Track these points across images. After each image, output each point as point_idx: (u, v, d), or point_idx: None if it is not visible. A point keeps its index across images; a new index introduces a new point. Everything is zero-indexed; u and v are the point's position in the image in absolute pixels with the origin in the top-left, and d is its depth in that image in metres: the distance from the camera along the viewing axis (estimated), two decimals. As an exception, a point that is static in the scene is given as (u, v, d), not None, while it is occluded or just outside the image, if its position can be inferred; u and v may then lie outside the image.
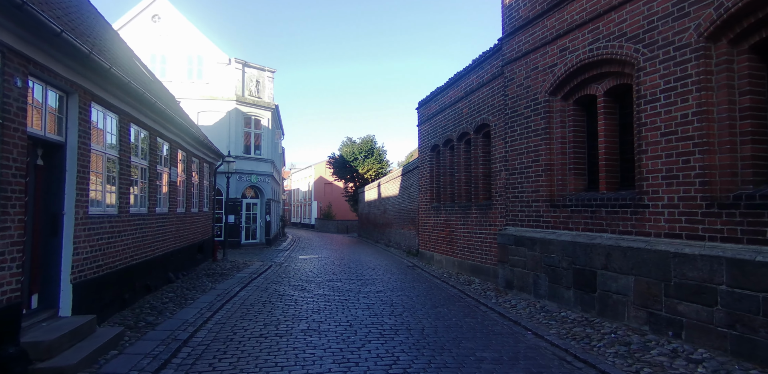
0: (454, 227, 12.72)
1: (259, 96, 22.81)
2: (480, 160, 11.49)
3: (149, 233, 8.67)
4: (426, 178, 15.13)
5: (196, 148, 12.74)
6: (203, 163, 14.27)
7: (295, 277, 12.03)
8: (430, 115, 14.76)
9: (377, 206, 28.90)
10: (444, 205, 13.57)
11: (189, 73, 21.37)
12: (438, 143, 14.08)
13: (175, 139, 10.47)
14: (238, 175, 21.45)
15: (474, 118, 11.62)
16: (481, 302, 8.56)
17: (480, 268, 11.17)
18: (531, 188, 8.72)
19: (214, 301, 8.34)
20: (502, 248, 9.42)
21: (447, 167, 13.64)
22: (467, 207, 11.95)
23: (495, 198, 10.52)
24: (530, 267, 8.52)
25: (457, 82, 12.57)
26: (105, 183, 6.72)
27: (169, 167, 10.12)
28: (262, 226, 22.91)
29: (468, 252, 11.84)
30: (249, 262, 15.21)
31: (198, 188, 13.60)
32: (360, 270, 13.44)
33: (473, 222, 11.56)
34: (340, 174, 39.64)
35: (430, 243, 14.70)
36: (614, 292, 6.65)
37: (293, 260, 16.89)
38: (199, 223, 13.63)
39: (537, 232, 8.47)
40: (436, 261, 14.19)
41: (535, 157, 8.63)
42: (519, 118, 9.09)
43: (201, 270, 12.77)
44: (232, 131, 21.37)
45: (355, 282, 11.02)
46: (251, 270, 13.01)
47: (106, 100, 6.59)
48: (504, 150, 9.99)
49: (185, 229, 11.90)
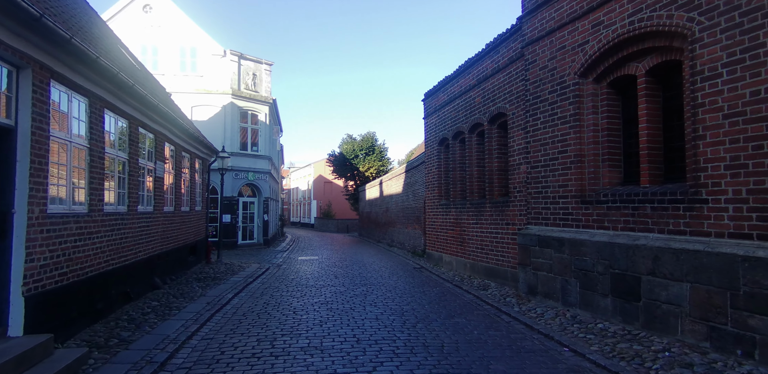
0: (466, 226, 11.78)
1: (256, 90, 21.83)
2: (495, 153, 10.54)
3: (130, 234, 7.73)
4: (433, 174, 14.19)
5: (186, 141, 11.79)
6: (195, 158, 13.32)
7: (294, 281, 11.10)
8: (438, 106, 13.81)
9: (379, 205, 27.96)
10: (454, 203, 12.64)
11: (182, 65, 20.39)
12: (446, 136, 13.14)
13: (161, 131, 9.52)
14: (234, 172, 20.50)
15: (488, 107, 10.67)
16: (502, 310, 7.63)
17: (496, 271, 10.23)
18: (557, 182, 7.78)
19: (202, 311, 7.39)
20: (523, 249, 8.48)
21: (457, 162, 12.70)
22: (480, 204, 11.01)
23: (513, 195, 9.58)
24: (557, 271, 7.59)
25: (469, 70, 11.62)
26: (71, 177, 5.76)
27: (154, 162, 9.17)
28: (259, 226, 21.95)
29: (482, 253, 10.90)
30: (245, 264, 14.27)
31: (189, 185, 12.66)
32: (364, 273, 12.50)
33: (487, 220, 10.62)
34: (340, 172, 38.67)
35: (439, 243, 13.76)
36: (664, 302, 5.71)
37: (292, 262, 15.95)
38: (190, 223, 12.69)
39: (565, 232, 7.53)
40: (445, 263, 13.25)
41: (562, 147, 7.69)
42: (543, 105, 8.15)
43: (192, 273, 11.83)
44: (227, 126, 20.40)
45: (359, 287, 10.08)
46: (247, 274, 12.07)
47: (71, 79, 5.64)
48: (524, 141, 9.05)
49: (174, 230, 10.96)
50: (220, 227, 14.65)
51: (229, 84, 20.58)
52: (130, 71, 8.63)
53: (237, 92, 20.70)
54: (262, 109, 21.94)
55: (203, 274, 11.71)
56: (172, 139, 10.48)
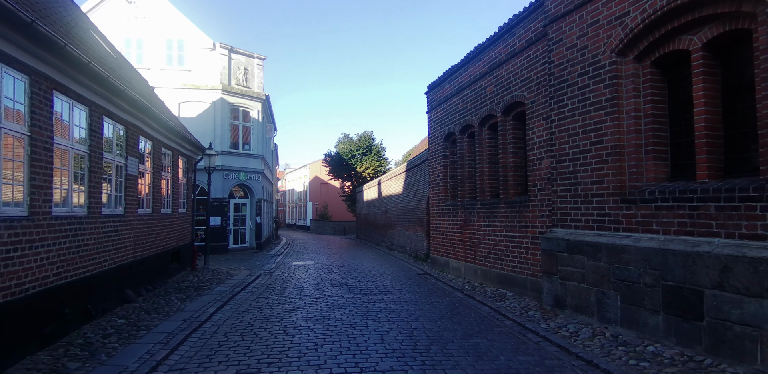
0: (476, 229, 10.70)
1: (248, 85, 20.70)
2: (510, 148, 9.47)
3: (91, 241, 6.60)
4: (438, 172, 13.10)
5: (167, 137, 10.66)
6: (178, 156, 12.19)
7: (286, 291, 9.98)
8: (443, 98, 12.74)
9: (377, 206, 26.86)
10: (462, 203, 11.55)
11: (168, 59, 19.24)
12: (453, 130, 12.06)
13: (133, 123, 8.40)
14: (224, 172, 19.35)
15: (501, 96, 9.60)
16: (528, 327, 6.55)
17: (512, 279, 9.14)
18: (590, 178, 6.71)
19: (175, 331, 6.26)
20: (547, 256, 7.40)
21: (465, 158, 11.62)
22: (493, 204, 9.93)
23: (533, 193, 8.51)
24: (592, 282, 6.51)
25: (479, 56, 10.55)
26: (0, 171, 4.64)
27: (125, 157, 8.04)
28: (252, 229, 20.80)
29: (495, 259, 9.82)
30: (234, 271, 13.13)
31: (172, 185, 11.53)
32: (364, 281, 11.39)
33: (502, 222, 9.54)
34: (337, 172, 37.54)
35: (444, 247, 12.67)
36: (736, 322, 4.65)
37: (286, 267, 14.82)
38: (173, 227, 11.55)
39: (601, 236, 6.46)
40: (452, 269, 12.16)
41: (596, 137, 6.62)
42: (571, 89, 7.09)
43: (174, 282, 10.68)
44: (217, 124, 19.26)
45: (359, 298, 8.98)
46: (235, 282, 10.94)
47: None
48: (547, 132, 7.99)
49: (153, 234, 9.83)
50: (207, 231, 13.52)
51: (218, 79, 19.45)
52: (95, 52, 7.51)
53: (227, 88, 19.56)
54: (255, 106, 20.81)
55: (186, 283, 10.57)
56: (148, 132, 9.35)
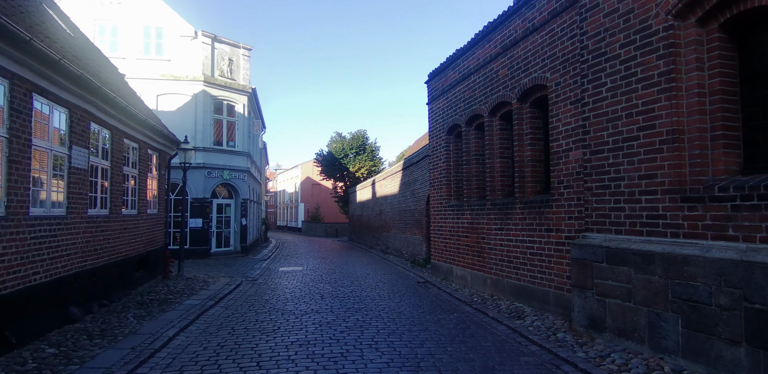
0: (486, 232, 9.41)
1: (233, 77, 19.30)
2: (527, 139, 8.20)
3: (10, 249, 5.22)
4: (441, 170, 11.81)
5: (131, 126, 9.29)
6: (148, 149, 10.80)
7: (268, 304, 8.62)
8: (446, 87, 11.45)
9: (371, 207, 25.55)
10: (468, 203, 10.26)
11: (146, 47, 17.81)
12: (458, 122, 10.78)
13: (80, 106, 7.03)
14: (206, 170, 17.94)
15: (517, 80, 8.33)
16: (561, 356, 5.27)
17: (530, 292, 7.85)
18: (638, 172, 5.45)
19: (115, 366, 4.89)
20: (580, 266, 6.12)
21: (472, 153, 10.33)
22: (507, 205, 8.64)
23: (557, 191, 7.23)
24: (641, 300, 5.24)
25: (490, 36, 9.28)
26: None
27: (68, 146, 6.66)
28: (236, 231, 19.37)
29: (509, 267, 8.53)
30: (212, 279, 11.75)
31: (138, 183, 10.14)
32: (357, 291, 10.06)
33: (518, 225, 8.26)
34: (329, 172, 36.18)
35: (447, 252, 11.37)
36: None
37: (271, 274, 13.44)
38: (139, 230, 10.16)
39: (654, 243, 5.19)
40: (456, 277, 10.86)
41: (645, 121, 5.36)
42: (611, 64, 5.82)
43: (138, 294, 9.29)
44: (199, 118, 17.84)
45: (353, 314, 7.65)
46: (210, 293, 9.57)
47: None
48: (577, 118, 6.73)
49: (111, 239, 8.45)
50: (182, 233, 12.11)
51: (200, 69, 18.04)
52: (32, 19, 6.13)
53: (210, 79, 18.16)
54: (240, 99, 19.42)
55: (152, 295, 9.17)
56: (103, 119, 7.98)
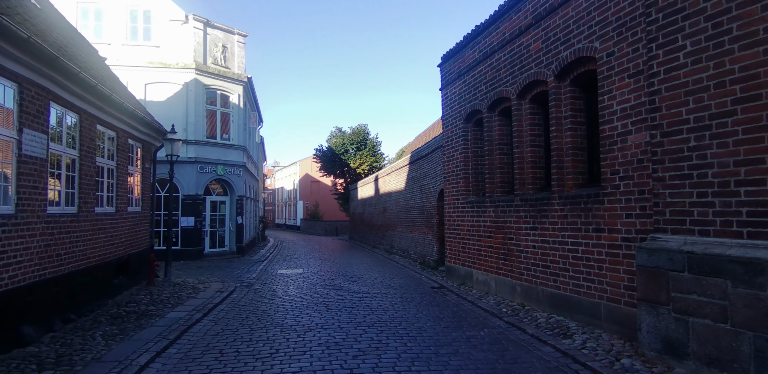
0: (514, 232, 8.22)
1: (227, 65, 18.03)
2: (567, 123, 6.99)
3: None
4: (457, 162, 10.60)
5: (105, 110, 8.06)
6: (128, 139, 9.57)
7: (264, 317, 7.43)
8: (464, 69, 10.23)
9: (374, 204, 24.34)
10: (492, 199, 9.06)
11: (132, 33, 16.52)
12: (479, 108, 9.56)
13: (37, 81, 5.80)
14: (199, 165, 16.70)
15: (555, 53, 7.12)
16: (640, 393, 4.07)
17: (574, 303, 6.66)
18: (735, 156, 4.26)
19: (61, 414, 3.69)
20: (649, 275, 4.93)
21: (495, 142, 9.12)
22: (542, 200, 7.45)
23: (611, 183, 6.02)
24: (742, 322, 4.06)
25: (518, 6, 8.05)
26: None
27: (17, 129, 5.43)
28: (231, 231, 18.14)
29: (545, 273, 7.34)
30: (203, 284, 10.54)
31: (117, 176, 8.91)
32: (367, 299, 8.87)
33: (556, 224, 7.06)
34: (329, 169, 34.93)
35: (465, 254, 10.18)
36: None
37: (269, 278, 12.24)
38: (118, 230, 8.94)
39: (763, 248, 4.00)
40: (476, 283, 9.67)
41: (744, 91, 4.17)
42: (691, 22, 4.63)
43: (115, 304, 8.07)
44: (190, 109, 16.58)
45: (364, 330, 6.46)
46: (199, 302, 8.37)
47: None
48: (641, 93, 5.52)
49: (81, 241, 7.24)
50: (169, 234, 10.88)
51: (192, 56, 16.77)
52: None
53: (202, 67, 16.90)
54: (235, 89, 18.16)
55: (130, 306, 7.96)
56: (68, 100, 6.76)
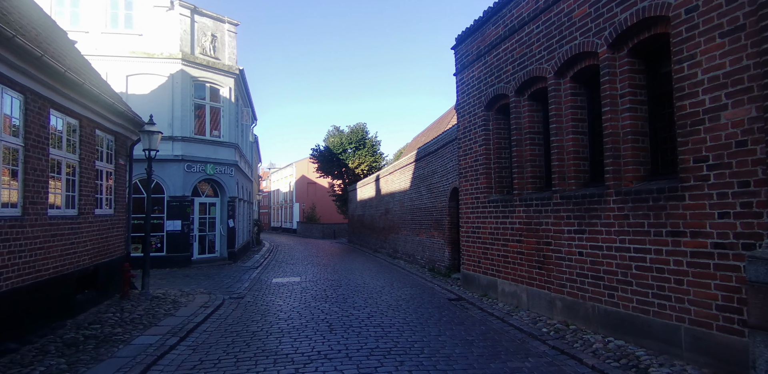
0: (553, 236, 6.91)
1: (216, 56, 16.70)
2: (625, 102, 5.69)
3: None
4: (476, 155, 9.30)
5: (60, 92, 6.73)
6: (95, 129, 8.23)
7: (255, 342, 6.08)
8: (485, 48, 8.94)
9: (375, 206, 23.02)
10: (521, 197, 7.76)
11: (113, 20, 15.17)
12: (504, 92, 8.27)
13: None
14: (186, 163, 15.34)
15: (609, 17, 5.82)
16: None
17: (641, 325, 5.35)
18: None
19: None
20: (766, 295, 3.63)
21: (525, 130, 7.83)
22: (591, 197, 6.14)
23: (695, 173, 4.71)
24: None
25: (556, -34, 6.77)
26: None
27: None
28: (222, 235, 16.76)
29: (596, 286, 6.02)
30: (186, 297, 9.19)
31: (79, 173, 7.57)
32: (376, 316, 7.54)
33: (613, 225, 5.75)
34: (326, 169, 33.60)
35: (488, 261, 8.87)
36: None
37: (262, 288, 10.89)
38: (80, 236, 7.59)
39: None
40: (502, 294, 8.36)
41: None
42: None
43: (75, 326, 6.70)
44: (176, 102, 15.23)
45: (379, 361, 5.13)
46: (177, 322, 7.02)
47: None
48: (741, 54, 4.23)
49: (26, 251, 5.90)
50: (145, 239, 9.51)
51: (178, 46, 15.42)
52: None
53: (189, 57, 15.55)
54: (226, 82, 16.82)
55: (93, 328, 6.59)
56: (5, 75, 5.42)
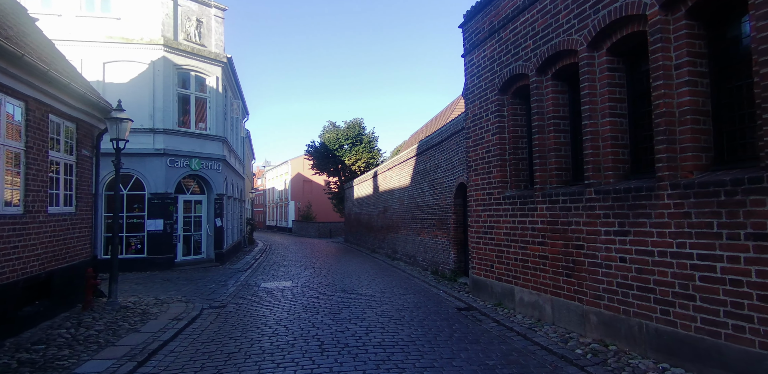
0: (585, 237, 5.84)
1: (202, 43, 15.56)
2: (683, 74, 4.61)
3: None
4: (489, 145, 8.22)
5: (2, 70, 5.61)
6: (48, 114, 7.12)
7: (229, 366, 4.99)
8: (499, 22, 7.86)
9: (373, 203, 21.95)
10: (544, 192, 6.68)
11: (89, 2, 13.99)
12: (523, 71, 7.19)
13: None
14: (168, 157, 14.20)
15: (661, -28, 4.74)
16: None
17: (705, 349, 4.28)
18: None
19: None
20: None
21: (547, 115, 6.75)
22: (637, 191, 5.07)
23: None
24: None
25: None
26: None
27: None
28: (210, 235, 15.64)
29: (645, 298, 4.95)
30: (160, 306, 8.09)
31: (24, 164, 6.46)
32: (376, 331, 6.46)
33: (668, 226, 4.68)
34: (322, 166, 32.49)
35: (502, 265, 7.80)
36: None
37: (248, 295, 9.79)
38: (28, 238, 6.49)
39: None
40: (520, 304, 7.29)
41: None
42: None
43: (14, 347, 5.59)
44: (158, 92, 14.09)
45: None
46: (140, 340, 5.93)
47: None
48: None
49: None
50: (113, 240, 8.38)
51: (159, 31, 14.27)
52: None
53: (172, 43, 14.41)
54: (213, 71, 15.68)
55: (36, 349, 5.48)
56: None
